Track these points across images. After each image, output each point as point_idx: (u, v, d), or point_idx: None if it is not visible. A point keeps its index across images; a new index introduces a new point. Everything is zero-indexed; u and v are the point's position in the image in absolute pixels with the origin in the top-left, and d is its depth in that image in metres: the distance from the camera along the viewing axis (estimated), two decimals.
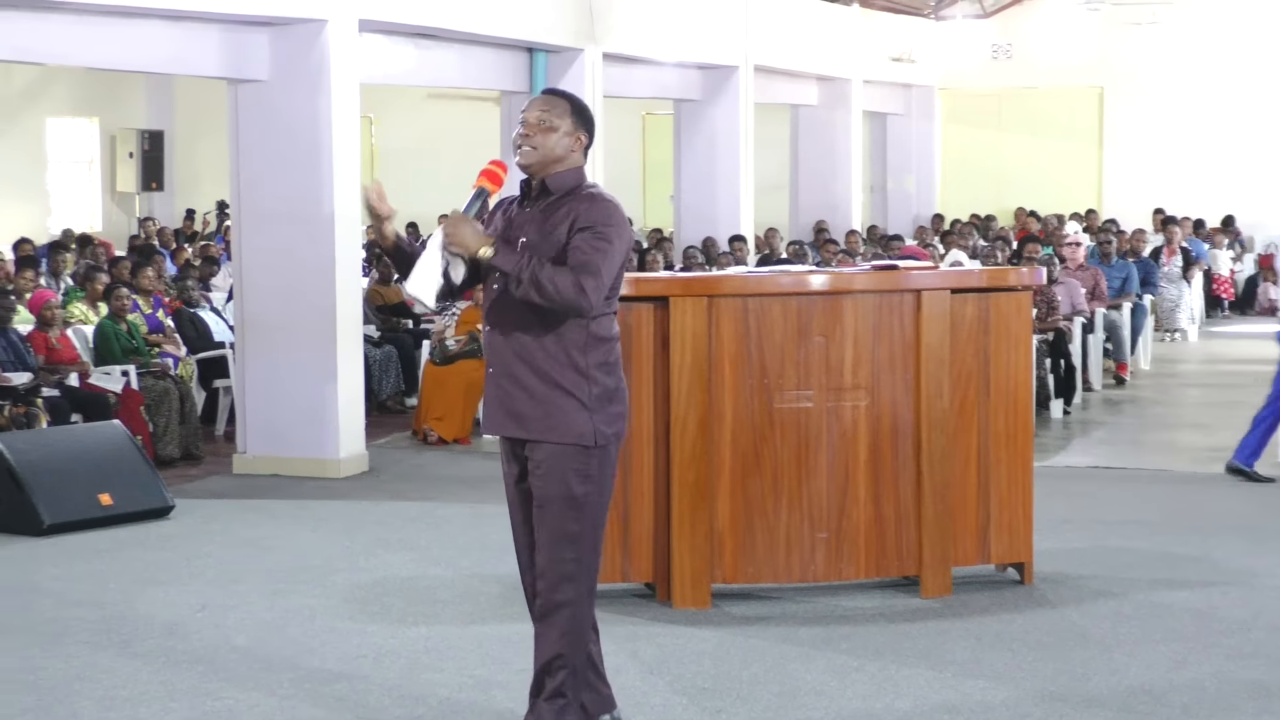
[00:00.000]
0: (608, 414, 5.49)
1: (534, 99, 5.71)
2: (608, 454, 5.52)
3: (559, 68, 15.35)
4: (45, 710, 6.26)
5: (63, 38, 10.55)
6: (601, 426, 5.47)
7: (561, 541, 5.49)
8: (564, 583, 5.51)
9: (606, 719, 5.81)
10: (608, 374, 5.50)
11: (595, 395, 5.46)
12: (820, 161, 22.90)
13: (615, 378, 5.52)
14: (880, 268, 8.09)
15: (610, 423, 5.50)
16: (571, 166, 5.57)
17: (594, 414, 5.46)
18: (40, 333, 12.33)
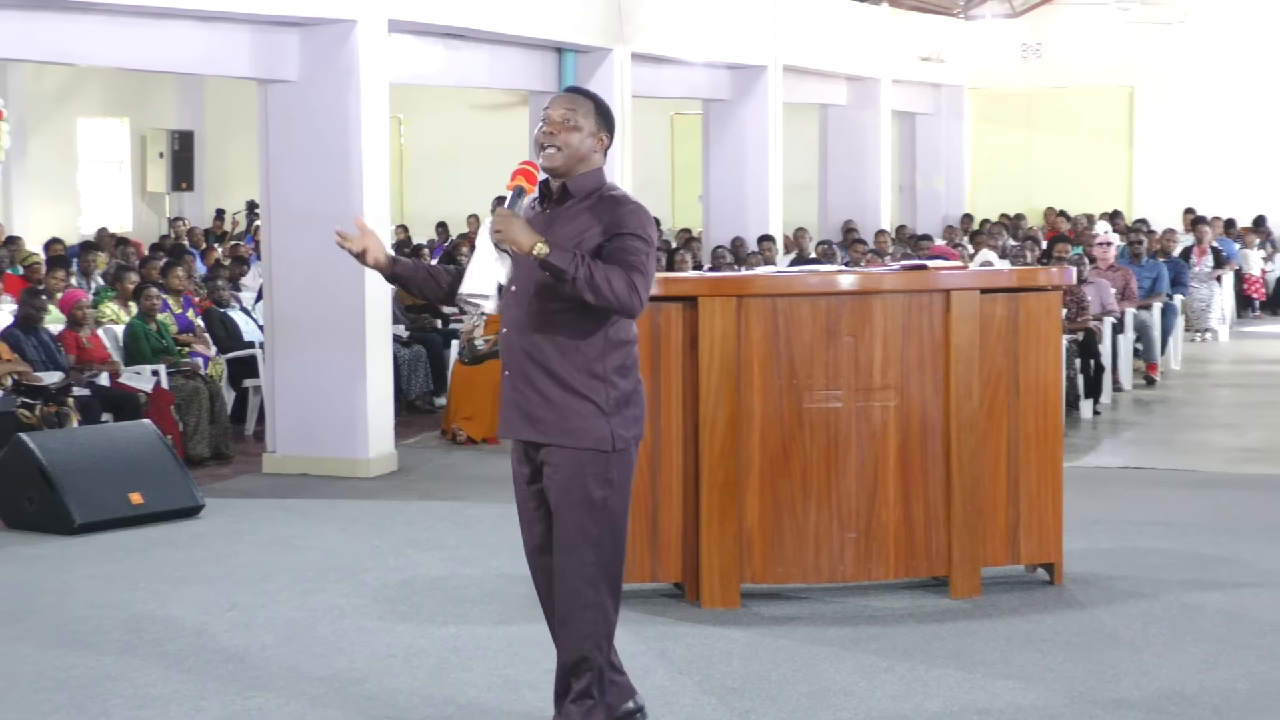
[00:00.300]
0: (625, 417, 5.48)
1: (556, 97, 5.67)
2: (627, 457, 5.50)
3: (588, 68, 15.36)
4: (76, 708, 6.28)
5: (94, 38, 10.59)
6: (620, 430, 5.45)
7: (581, 545, 5.48)
8: (585, 586, 5.50)
9: (630, 705, 5.79)
10: (625, 377, 5.48)
11: (613, 399, 5.45)
12: (849, 161, 22.86)
13: (633, 381, 5.51)
14: (909, 267, 8.08)
15: (628, 426, 5.48)
16: (593, 168, 5.56)
17: (611, 418, 5.44)
18: (71, 332, 12.38)
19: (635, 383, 5.52)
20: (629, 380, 5.50)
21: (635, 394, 5.51)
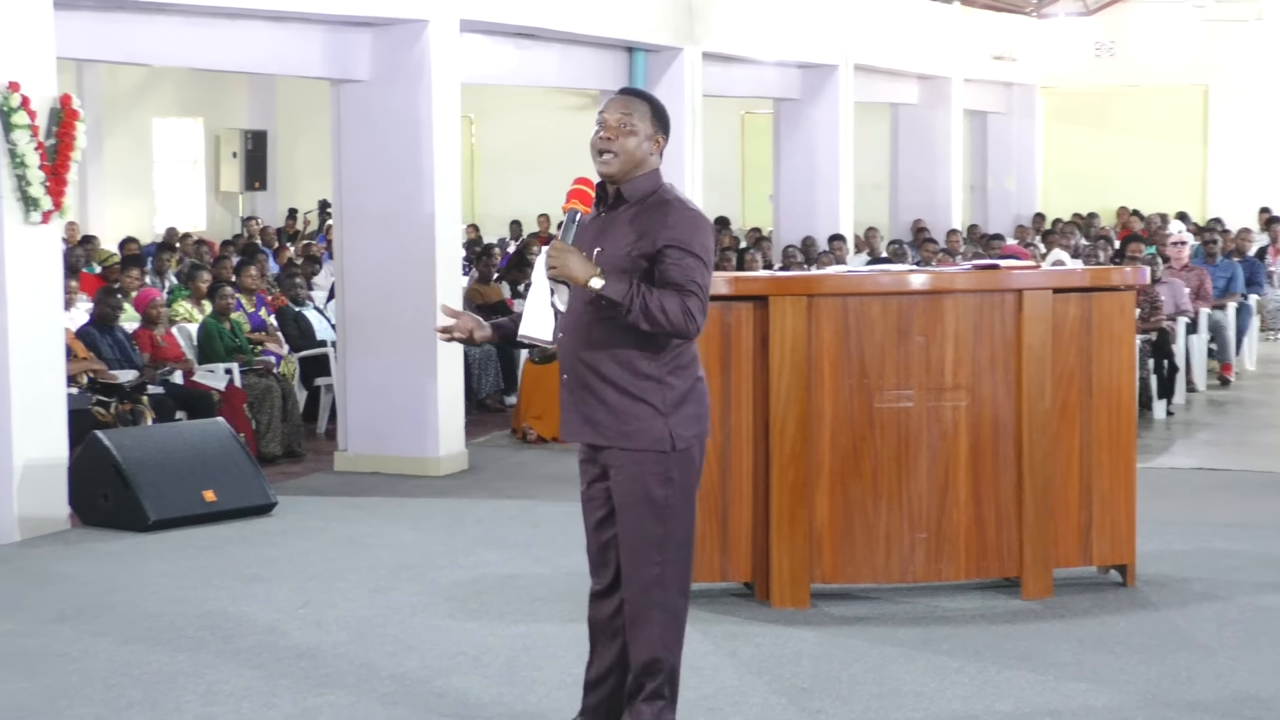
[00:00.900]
0: (685, 416, 5.42)
1: (612, 99, 5.60)
2: (689, 457, 5.45)
3: (659, 67, 15.37)
4: (150, 704, 6.33)
5: (168, 39, 10.67)
6: (679, 430, 5.40)
7: (646, 545, 5.46)
8: (653, 586, 5.47)
9: None
10: (680, 377, 5.42)
11: (669, 400, 5.39)
12: (920, 160, 22.79)
13: (689, 379, 5.44)
14: (981, 267, 8.04)
15: (689, 425, 5.43)
16: (649, 170, 5.51)
17: (669, 418, 5.39)
18: (146, 331, 12.47)
19: (693, 381, 5.46)
20: (685, 379, 5.43)
21: (693, 392, 5.45)
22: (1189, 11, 25.51)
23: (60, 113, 9.35)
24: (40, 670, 6.76)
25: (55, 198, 9.29)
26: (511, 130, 26.19)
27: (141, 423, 11.13)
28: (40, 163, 9.17)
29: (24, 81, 9.09)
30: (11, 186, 9.13)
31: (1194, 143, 26.47)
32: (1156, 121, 26.56)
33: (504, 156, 26.48)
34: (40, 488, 9.37)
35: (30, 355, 9.28)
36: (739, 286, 7.68)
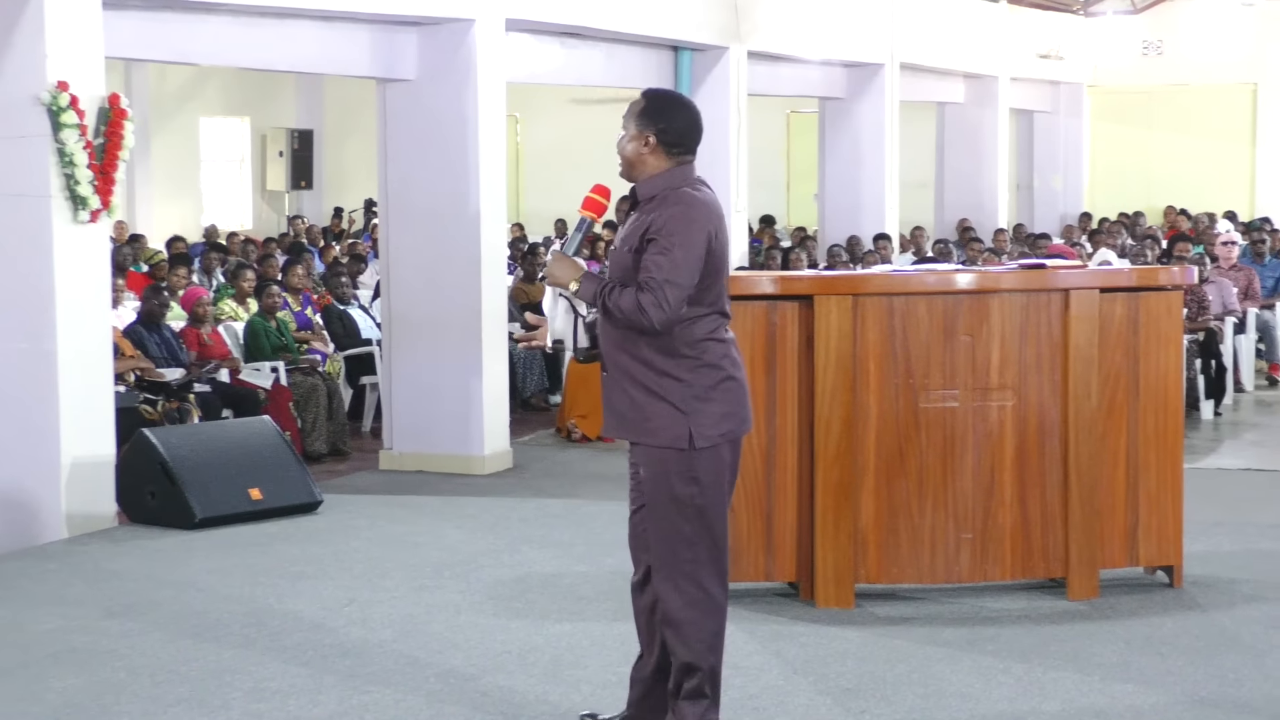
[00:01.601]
0: (708, 415, 5.42)
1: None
2: (716, 455, 5.44)
3: (704, 66, 15.37)
4: (197, 701, 6.35)
5: (216, 39, 10.71)
6: (701, 428, 5.40)
7: (677, 543, 5.47)
8: (687, 583, 5.47)
9: None
10: (704, 374, 5.42)
11: (690, 397, 5.40)
12: (966, 159, 22.73)
13: (714, 376, 5.43)
14: (1027, 266, 8.02)
15: (713, 424, 5.42)
16: (655, 170, 5.51)
17: (690, 415, 5.40)
18: (192, 329, 12.54)
19: (720, 379, 5.44)
20: (708, 376, 5.42)
21: (720, 390, 5.43)
22: (1237, 10, 25.36)
23: (109, 112, 9.39)
24: (88, 667, 6.80)
25: (103, 197, 9.34)
26: (556, 129, 26.21)
27: (188, 421, 11.19)
28: (89, 162, 9.22)
29: (73, 81, 9.14)
30: (60, 185, 9.18)
31: (1242, 141, 26.31)
32: (1204, 120, 26.41)
33: (549, 155, 26.49)
34: (88, 485, 9.42)
35: (78, 353, 9.33)
36: (784, 286, 7.68)
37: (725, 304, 5.51)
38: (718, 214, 5.50)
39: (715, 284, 5.44)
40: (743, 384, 5.52)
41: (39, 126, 9.13)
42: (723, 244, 5.46)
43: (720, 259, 5.45)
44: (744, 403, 5.53)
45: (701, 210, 5.42)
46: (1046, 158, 26.22)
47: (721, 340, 5.48)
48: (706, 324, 5.45)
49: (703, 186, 5.55)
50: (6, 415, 9.39)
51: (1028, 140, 26.17)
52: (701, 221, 5.39)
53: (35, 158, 9.18)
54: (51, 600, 7.94)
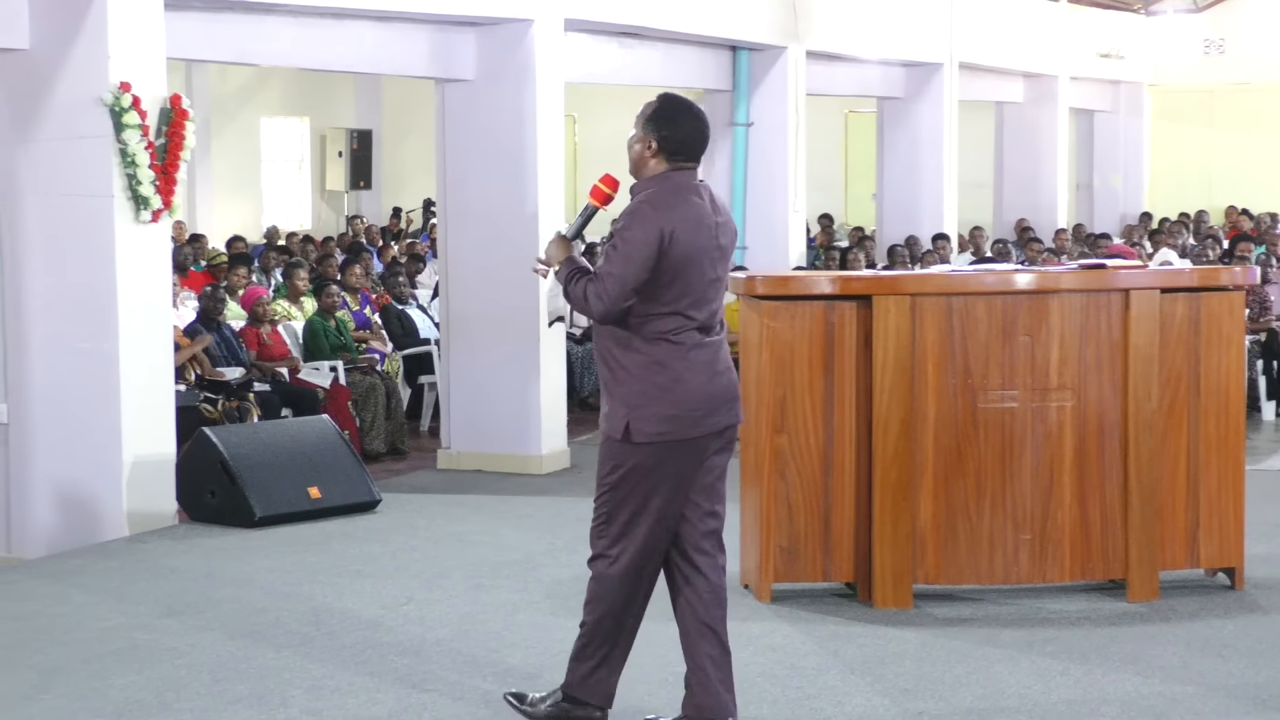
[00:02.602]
0: (648, 413, 5.54)
1: None
2: (651, 452, 5.56)
3: (762, 66, 15.35)
4: (256, 699, 6.38)
5: (276, 39, 10.77)
6: (639, 424, 5.54)
7: (601, 519, 5.71)
8: (597, 558, 5.73)
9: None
10: (651, 373, 5.54)
11: (635, 393, 5.55)
12: (1025, 159, 22.62)
13: (662, 376, 5.54)
14: (1088, 266, 7.98)
15: (652, 422, 5.54)
16: (653, 173, 5.67)
17: (632, 410, 5.55)
18: (252, 329, 12.60)
19: (667, 379, 5.54)
20: (655, 375, 5.54)
21: (665, 390, 5.54)
22: None
23: (170, 112, 9.45)
24: (149, 664, 6.84)
25: (165, 197, 9.40)
26: (614, 129, 26.13)
27: (248, 420, 11.25)
28: (150, 162, 9.28)
29: (135, 82, 9.20)
30: (122, 186, 9.24)
31: None
32: (1266, 119, 26.21)
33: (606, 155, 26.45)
34: (149, 484, 9.48)
35: (140, 352, 9.39)
36: (842, 286, 7.66)
37: (692, 307, 5.57)
38: (685, 218, 5.55)
39: (675, 285, 5.52)
40: (698, 387, 5.57)
41: (101, 127, 9.20)
42: (687, 247, 5.52)
43: (682, 262, 5.51)
44: (696, 405, 5.58)
45: (659, 211, 5.53)
46: (1106, 157, 26.07)
47: (676, 342, 5.55)
48: (663, 323, 5.55)
49: (693, 197, 5.62)
50: (69, 415, 9.46)
51: (1088, 140, 26.03)
52: (654, 221, 5.50)
53: (98, 158, 9.25)
54: (113, 598, 7.99)
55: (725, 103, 15.36)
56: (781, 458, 7.57)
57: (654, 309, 5.53)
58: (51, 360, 9.50)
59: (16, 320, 9.59)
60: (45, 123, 9.40)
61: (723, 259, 5.68)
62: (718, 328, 5.68)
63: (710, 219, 5.63)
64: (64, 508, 9.52)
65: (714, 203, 5.71)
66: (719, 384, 5.62)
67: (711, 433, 5.62)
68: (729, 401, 5.67)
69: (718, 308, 5.68)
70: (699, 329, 5.59)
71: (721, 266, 5.67)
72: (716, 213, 5.69)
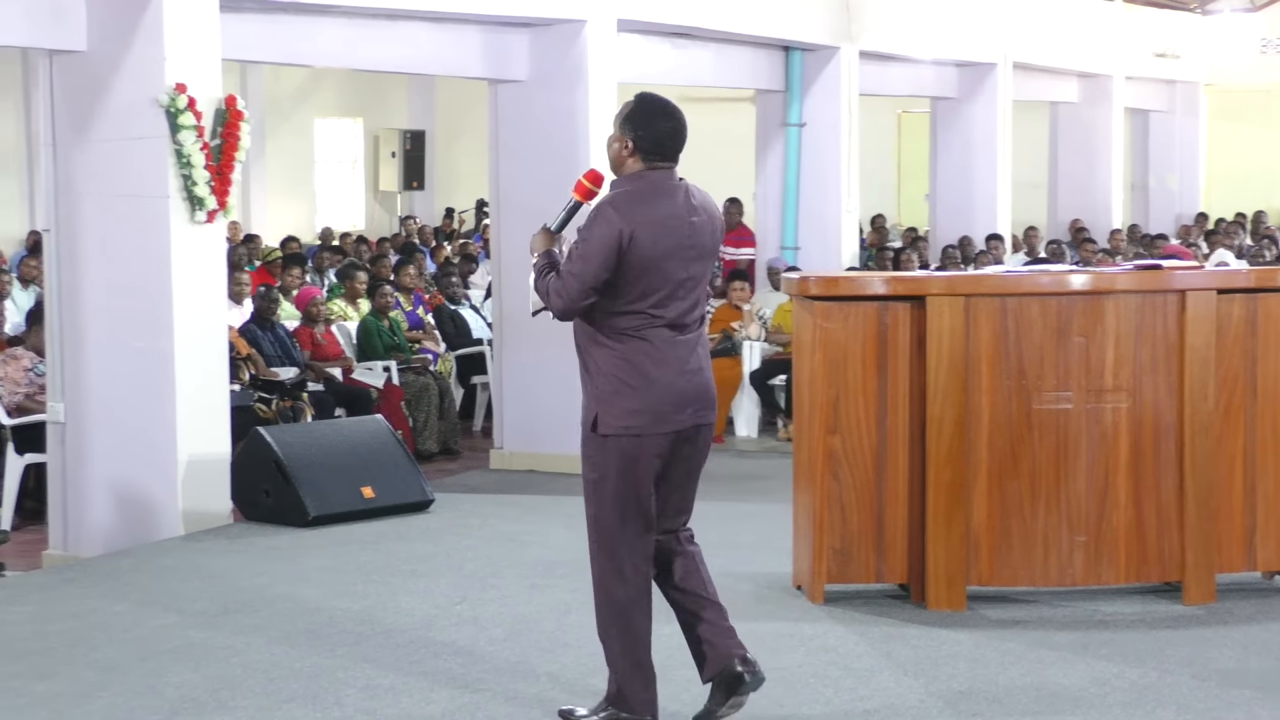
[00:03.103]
0: (616, 408, 5.68)
1: None
2: (618, 446, 5.68)
3: (815, 66, 15.32)
4: (311, 698, 6.41)
5: (330, 40, 10.81)
6: (606, 417, 5.69)
7: (588, 520, 5.85)
8: (591, 560, 5.86)
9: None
10: (617, 368, 5.68)
11: (603, 388, 5.71)
12: (1080, 159, 22.51)
13: (627, 372, 5.67)
14: (1143, 267, 7.94)
15: (618, 416, 5.67)
16: (630, 172, 5.76)
17: (600, 404, 5.71)
18: (306, 329, 12.65)
19: (632, 374, 5.67)
20: (621, 370, 5.68)
21: (630, 386, 5.67)
22: None
23: (225, 113, 9.50)
24: (204, 662, 6.88)
25: (220, 197, 9.44)
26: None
27: (302, 420, 11.29)
28: (205, 163, 9.32)
29: (190, 83, 9.25)
30: (177, 186, 9.29)
31: None
32: None
33: None
34: (204, 483, 9.53)
35: (195, 352, 9.44)
36: (895, 286, 7.65)
37: (658, 306, 5.67)
38: (649, 219, 5.63)
39: (639, 284, 5.63)
40: (666, 384, 5.69)
41: (157, 128, 9.25)
42: (649, 248, 5.60)
43: (645, 261, 5.60)
44: (662, 402, 5.69)
45: (620, 212, 5.61)
46: (1162, 157, 25.91)
47: (643, 339, 5.67)
48: (629, 320, 5.67)
49: (663, 197, 5.69)
50: (125, 414, 9.52)
51: (1143, 140, 25.87)
52: (614, 223, 5.59)
53: (153, 159, 9.29)
54: (168, 596, 8.03)
55: (778, 103, 15.35)
56: (834, 458, 7.55)
57: (619, 307, 5.66)
58: (108, 360, 9.56)
59: (73, 320, 9.65)
60: (102, 124, 9.46)
61: (699, 258, 5.75)
62: (693, 325, 5.78)
63: (682, 219, 5.70)
64: (120, 507, 9.57)
65: (693, 202, 5.77)
66: (689, 382, 5.74)
67: (678, 430, 5.75)
68: (698, 401, 5.78)
69: (690, 305, 5.75)
70: (668, 326, 5.70)
71: (696, 265, 5.74)
72: (694, 212, 5.75)
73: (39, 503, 10.48)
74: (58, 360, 9.74)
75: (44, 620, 7.61)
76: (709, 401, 5.82)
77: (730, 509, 10.04)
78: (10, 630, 7.44)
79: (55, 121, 9.61)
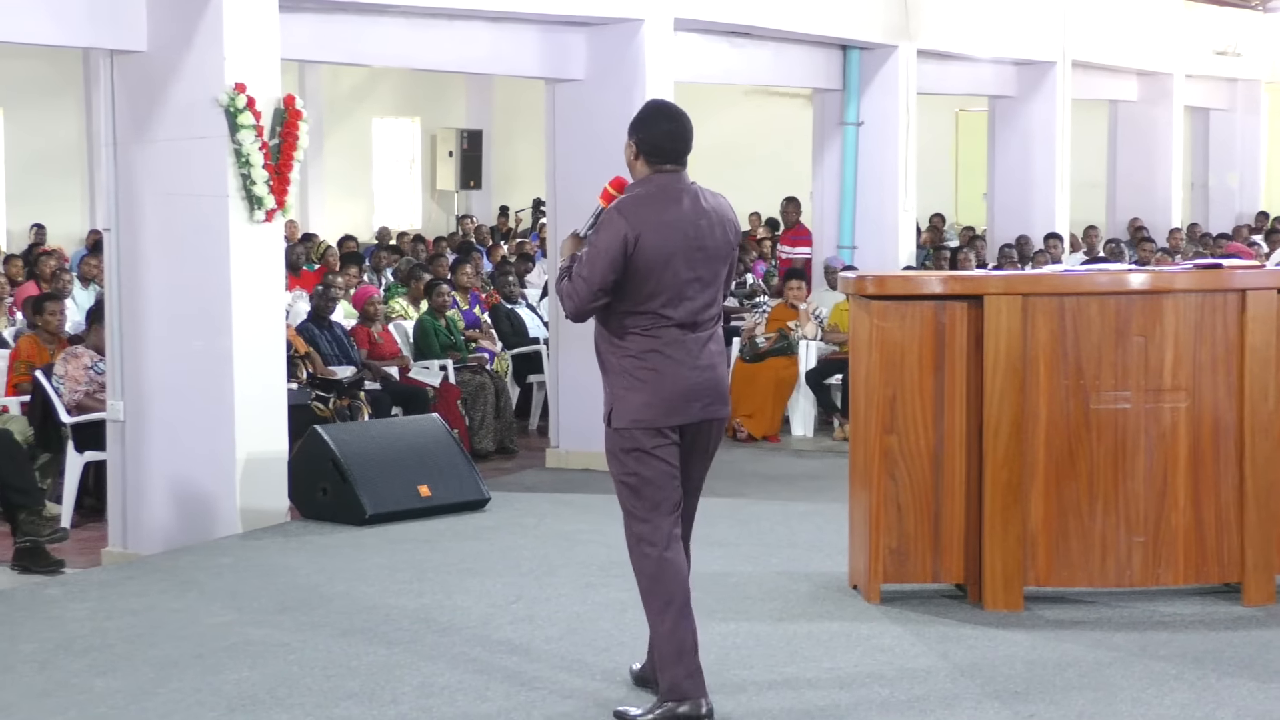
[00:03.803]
0: (628, 401, 5.91)
1: None
2: (631, 438, 5.92)
3: (872, 65, 15.28)
4: (367, 696, 6.43)
5: (388, 40, 10.85)
6: (621, 411, 5.93)
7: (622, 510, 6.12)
8: (630, 553, 6.12)
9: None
10: (627, 364, 5.91)
11: (617, 382, 5.95)
12: (1139, 158, 22.39)
13: (636, 368, 5.90)
14: (1203, 266, 7.89)
15: (630, 410, 5.91)
16: (639, 175, 6.02)
17: (615, 398, 5.95)
18: (363, 327, 12.70)
19: (641, 370, 5.89)
20: (631, 366, 5.90)
21: (640, 381, 5.90)
22: None
23: (284, 113, 9.54)
24: (262, 660, 6.91)
25: (278, 197, 9.49)
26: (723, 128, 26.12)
27: (359, 418, 11.33)
28: (264, 162, 9.37)
29: (250, 83, 9.29)
30: (236, 186, 9.34)
31: None
32: None
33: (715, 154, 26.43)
34: (261, 481, 9.57)
35: (253, 351, 9.49)
36: (952, 285, 7.62)
37: (666, 306, 5.88)
38: (654, 222, 5.85)
39: (646, 284, 5.84)
40: (674, 380, 5.91)
41: (217, 128, 9.30)
42: (655, 250, 5.82)
43: (651, 263, 5.82)
44: (671, 397, 5.91)
45: (626, 216, 5.84)
46: (1222, 156, 25.73)
47: (652, 337, 5.89)
48: (636, 320, 5.90)
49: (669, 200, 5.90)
50: (184, 412, 9.57)
51: (1203, 138, 25.71)
52: (620, 227, 5.82)
53: (213, 158, 9.35)
54: (226, 594, 8.08)
55: (835, 102, 15.32)
56: (891, 458, 7.53)
57: (628, 307, 5.88)
58: (167, 359, 9.62)
59: (133, 319, 9.71)
60: (162, 124, 9.52)
61: (707, 259, 5.93)
62: (705, 324, 5.97)
63: (688, 221, 5.89)
64: (179, 504, 9.63)
65: (702, 204, 5.96)
66: (698, 378, 5.94)
67: (688, 423, 5.97)
68: (707, 395, 5.98)
69: (702, 305, 5.94)
70: (677, 326, 5.90)
71: (705, 266, 5.93)
72: (701, 215, 5.94)
73: (99, 500, 10.56)
74: (118, 358, 9.80)
75: (103, 617, 7.67)
76: (719, 396, 6.03)
77: (786, 508, 10.02)
78: (70, 627, 7.50)
79: (116, 121, 9.67)
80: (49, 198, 21.49)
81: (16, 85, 20.91)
